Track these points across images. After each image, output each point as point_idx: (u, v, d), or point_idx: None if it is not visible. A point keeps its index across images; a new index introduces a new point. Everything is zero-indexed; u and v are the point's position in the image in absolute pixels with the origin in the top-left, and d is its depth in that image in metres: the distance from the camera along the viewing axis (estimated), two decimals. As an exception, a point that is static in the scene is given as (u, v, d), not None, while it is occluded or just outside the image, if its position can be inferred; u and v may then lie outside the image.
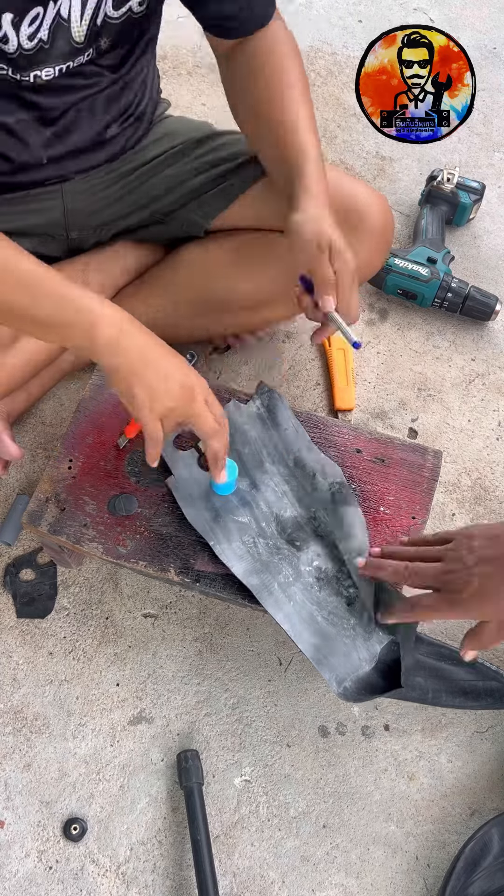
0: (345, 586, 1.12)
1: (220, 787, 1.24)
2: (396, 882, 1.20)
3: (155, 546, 1.14)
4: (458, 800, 1.25)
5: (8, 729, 1.28)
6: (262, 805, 1.24)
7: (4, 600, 1.36)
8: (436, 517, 1.43)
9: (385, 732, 1.28)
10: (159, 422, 1.01)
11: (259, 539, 1.12)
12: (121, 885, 1.19)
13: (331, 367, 1.54)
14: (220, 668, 1.32)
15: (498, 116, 1.85)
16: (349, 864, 1.21)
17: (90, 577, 1.37)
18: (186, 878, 1.19)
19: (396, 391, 1.55)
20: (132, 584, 1.37)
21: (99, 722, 1.28)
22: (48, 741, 1.27)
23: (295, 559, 1.12)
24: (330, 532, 1.13)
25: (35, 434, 1.48)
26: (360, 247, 1.26)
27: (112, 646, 1.33)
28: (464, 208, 1.66)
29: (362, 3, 1.97)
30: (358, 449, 1.20)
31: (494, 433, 1.52)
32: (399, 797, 1.25)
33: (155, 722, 1.28)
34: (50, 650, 1.33)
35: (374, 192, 1.31)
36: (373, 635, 1.10)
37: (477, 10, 2.00)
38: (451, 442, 1.50)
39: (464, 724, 1.29)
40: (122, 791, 1.24)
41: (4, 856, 1.21)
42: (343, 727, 1.28)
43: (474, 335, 1.61)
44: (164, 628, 1.34)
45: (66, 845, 1.21)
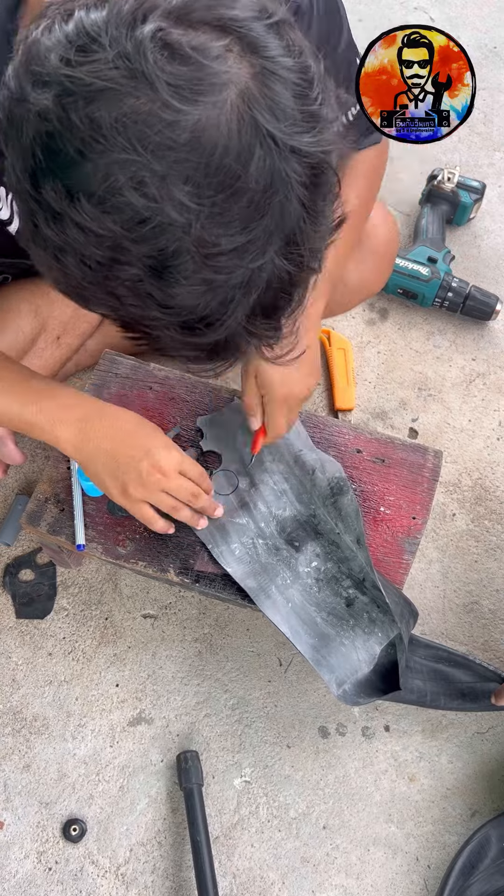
0: (344, 587, 1.12)
1: (219, 788, 1.24)
2: (397, 883, 1.20)
3: (154, 546, 1.13)
4: (459, 801, 1.25)
5: (7, 730, 1.28)
6: (261, 806, 1.24)
7: (4, 601, 1.36)
8: (436, 517, 1.43)
9: (385, 733, 1.28)
10: (143, 503, 1.02)
11: (258, 540, 1.12)
12: (120, 886, 1.19)
13: (331, 367, 1.54)
14: (219, 668, 1.31)
15: (498, 116, 1.85)
16: (349, 865, 1.21)
17: (90, 578, 1.37)
18: (186, 879, 1.19)
19: (397, 391, 1.55)
20: (132, 585, 1.36)
21: (98, 723, 1.28)
22: (47, 742, 1.27)
23: (294, 560, 1.11)
24: (330, 529, 1.12)
25: (35, 434, 1.47)
26: (363, 266, 1.25)
27: (111, 646, 1.33)
28: (464, 208, 1.66)
29: (362, 3, 1.96)
30: (358, 449, 1.20)
31: (495, 433, 1.51)
32: (399, 798, 1.25)
33: (154, 723, 1.28)
34: (49, 651, 1.32)
35: (381, 210, 1.29)
36: (372, 636, 1.10)
37: (477, 10, 1.99)
38: (452, 442, 1.50)
39: (464, 724, 1.29)
40: (121, 792, 1.24)
41: (4, 857, 1.20)
42: (343, 728, 1.28)
43: (475, 335, 1.61)
44: (163, 629, 1.34)
45: (66, 846, 1.21)
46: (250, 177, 0.51)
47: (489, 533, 1.42)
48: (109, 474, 1.00)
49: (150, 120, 0.50)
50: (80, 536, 1.12)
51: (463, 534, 1.42)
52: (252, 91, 0.51)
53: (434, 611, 1.36)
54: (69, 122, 0.51)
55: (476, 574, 1.39)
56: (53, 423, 0.98)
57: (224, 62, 0.51)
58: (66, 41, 0.52)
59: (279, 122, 0.52)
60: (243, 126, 0.51)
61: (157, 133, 0.50)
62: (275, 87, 0.52)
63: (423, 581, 1.38)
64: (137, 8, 0.51)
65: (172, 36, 0.50)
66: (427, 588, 1.37)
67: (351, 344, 1.57)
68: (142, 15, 0.51)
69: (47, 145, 0.52)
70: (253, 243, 0.53)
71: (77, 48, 0.51)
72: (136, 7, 0.51)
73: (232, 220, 0.52)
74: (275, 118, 0.51)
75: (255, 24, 0.53)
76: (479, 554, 1.41)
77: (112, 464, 1.00)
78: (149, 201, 0.51)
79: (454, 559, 1.40)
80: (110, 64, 0.50)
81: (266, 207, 0.53)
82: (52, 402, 0.98)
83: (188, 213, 0.51)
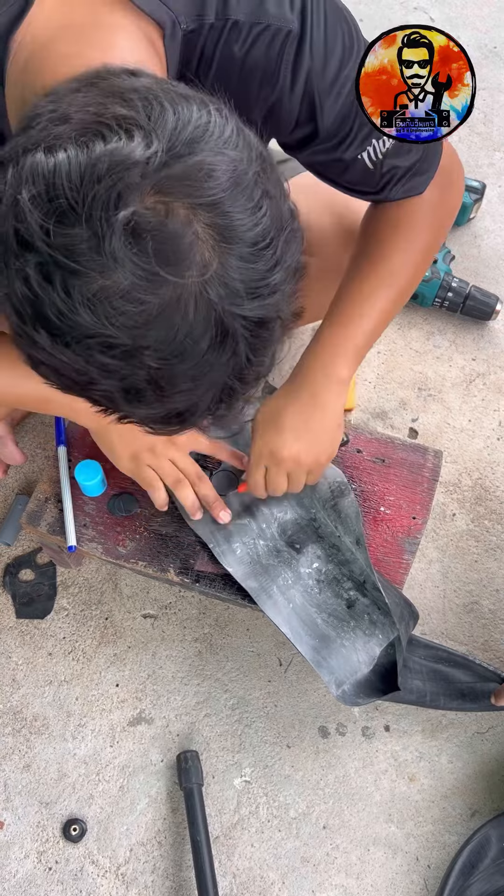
0: (345, 588, 1.12)
1: (219, 788, 1.24)
2: (397, 883, 1.20)
3: (155, 546, 1.14)
4: (459, 800, 1.25)
5: (7, 730, 1.28)
6: (261, 806, 1.24)
7: (4, 601, 1.36)
8: (436, 517, 1.43)
9: (385, 733, 1.28)
10: (149, 469, 1.07)
11: (259, 541, 1.12)
12: (120, 886, 1.19)
13: (331, 367, 1.54)
14: (219, 668, 1.31)
15: (498, 116, 1.85)
16: (349, 865, 1.21)
17: (90, 578, 1.37)
18: (186, 878, 1.19)
19: (397, 391, 1.55)
20: (132, 585, 1.36)
21: (98, 723, 1.28)
22: (48, 742, 1.27)
23: (295, 561, 1.12)
24: (330, 533, 1.13)
25: (35, 435, 1.47)
26: None
27: (111, 646, 1.33)
28: (464, 208, 1.66)
29: (363, 3, 1.96)
30: (358, 449, 1.20)
31: (495, 433, 1.51)
32: (399, 798, 1.25)
33: (154, 723, 1.28)
34: (49, 651, 1.32)
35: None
36: (372, 638, 1.10)
37: (477, 10, 1.99)
38: (452, 442, 1.50)
39: (464, 724, 1.29)
40: (121, 792, 1.24)
41: (4, 857, 1.20)
42: (343, 728, 1.28)
43: (475, 335, 1.61)
44: (163, 629, 1.34)
45: (66, 846, 1.21)
46: (203, 344, 0.59)
47: (489, 533, 1.42)
48: (121, 437, 1.04)
49: (118, 301, 0.56)
50: (70, 537, 1.12)
51: (463, 534, 1.42)
52: (210, 272, 0.57)
53: (434, 611, 1.36)
54: (48, 291, 0.56)
55: (476, 574, 1.39)
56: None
57: (190, 250, 0.56)
58: (46, 201, 0.55)
59: (233, 297, 0.58)
60: (200, 305, 0.58)
61: (122, 314, 0.56)
62: (231, 263, 0.58)
63: (423, 581, 1.38)
64: (113, 185, 0.55)
65: (143, 225, 0.55)
66: (427, 588, 1.37)
67: (351, 344, 1.57)
68: (116, 194, 0.54)
69: (32, 303, 0.57)
70: (203, 384, 0.62)
71: (56, 218, 0.55)
72: (111, 183, 0.55)
73: (186, 372, 0.60)
74: (229, 295, 0.58)
75: (225, 202, 0.57)
76: (479, 554, 1.41)
77: (128, 431, 1.01)
78: (116, 361, 0.58)
79: (454, 559, 1.40)
80: (84, 245, 0.55)
81: (216, 363, 0.61)
82: None
83: (149, 370, 0.59)
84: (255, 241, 0.59)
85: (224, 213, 0.58)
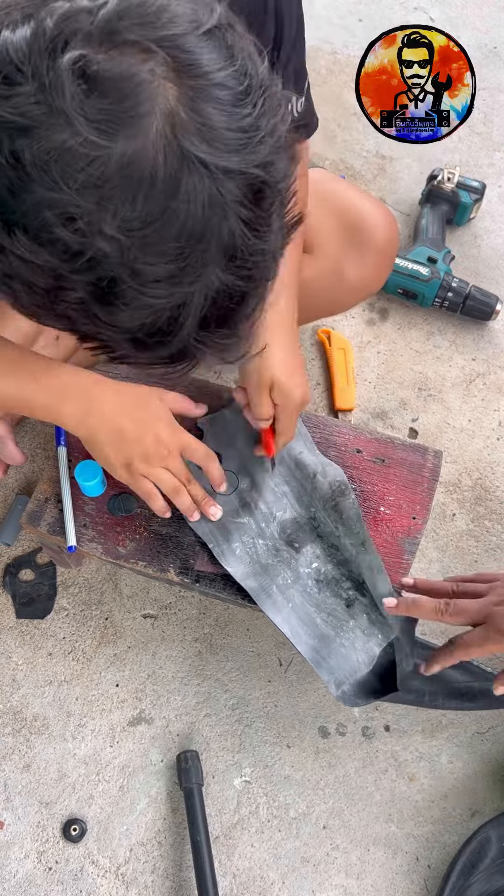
0: (344, 588, 1.12)
1: (219, 788, 1.24)
2: (397, 883, 1.20)
3: (154, 546, 1.13)
4: (459, 800, 1.25)
5: (7, 730, 1.28)
6: (262, 806, 1.24)
7: (4, 601, 1.36)
8: (436, 517, 1.43)
9: (385, 733, 1.28)
10: (145, 479, 1.03)
11: (258, 540, 1.12)
12: (120, 886, 1.19)
13: (331, 367, 1.54)
14: (219, 668, 1.31)
15: (498, 116, 1.85)
16: (349, 865, 1.21)
17: (90, 578, 1.37)
18: (186, 879, 1.19)
19: (397, 391, 1.55)
20: (132, 585, 1.36)
21: (98, 723, 1.28)
22: (48, 742, 1.27)
23: (294, 561, 1.12)
24: (330, 532, 1.13)
25: (34, 434, 1.47)
26: (363, 264, 1.25)
27: (111, 646, 1.33)
28: (464, 208, 1.66)
29: (363, 3, 1.96)
30: (358, 449, 1.20)
31: (495, 433, 1.51)
32: (399, 798, 1.25)
33: (154, 723, 1.28)
34: (49, 651, 1.32)
35: (381, 209, 1.28)
36: (372, 638, 1.10)
37: (477, 10, 1.99)
38: (452, 442, 1.50)
39: (464, 724, 1.29)
40: (121, 792, 1.24)
41: (4, 857, 1.20)
42: (343, 728, 1.28)
43: (475, 335, 1.61)
44: (163, 629, 1.34)
45: (66, 846, 1.21)
46: (180, 205, 0.51)
47: (489, 533, 1.42)
48: (113, 447, 1.00)
49: (72, 157, 0.49)
50: (70, 537, 1.12)
51: (463, 534, 1.42)
52: (179, 115, 0.50)
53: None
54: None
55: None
56: (56, 400, 0.96)
57: (148, 87, 0.50)
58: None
59: (209, 144, 0.51)
60: (170, 154, 0.50)
61: (80, 171, 0.50)
62: (204, 107, 0.51)
63: (423, 581, 1.38)
64: (59, 33, 0.50)
65: (92, 66, 0.49)
66: (427, 588, 1.37)
67: (351, 344, 1.57)
68: (62, 41, 0.50)
69: None
70: (189, 268, 0.54)
71: (3, 79, 0.50)
72: (57, 32, 0.50)
73: (164, 249, 0.52)
74: (204, 142, 0.51)
75: (186, 39, 0.51)
76: (479, 554, 1.41)
77: (117, 437, 0.99)
78: (79, 236, 0.51)
79: (454, 559, 1.40)
80: (31, 99, 0.49)
81: (200, 232, 0.53)
82: (53, 380, 0.97)
83: (119, 245, 0.51)
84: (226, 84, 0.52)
85: (186, 49, 0.51)
